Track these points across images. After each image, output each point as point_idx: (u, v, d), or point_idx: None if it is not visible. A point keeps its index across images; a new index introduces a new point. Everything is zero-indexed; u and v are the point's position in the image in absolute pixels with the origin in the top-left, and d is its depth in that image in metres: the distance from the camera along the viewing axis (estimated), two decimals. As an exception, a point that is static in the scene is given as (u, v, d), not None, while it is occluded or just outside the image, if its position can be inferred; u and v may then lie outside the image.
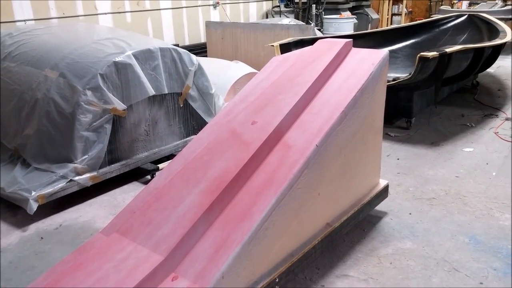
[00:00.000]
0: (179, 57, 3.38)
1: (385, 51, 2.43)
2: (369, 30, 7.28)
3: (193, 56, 3.51)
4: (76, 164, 2.85)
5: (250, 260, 1.74)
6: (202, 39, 7.18)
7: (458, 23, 6.47)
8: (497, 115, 4.60)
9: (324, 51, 2.48)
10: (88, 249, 1.83)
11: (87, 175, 2.92)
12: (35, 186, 2.72)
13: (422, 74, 3.72)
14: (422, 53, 3.52)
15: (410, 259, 2.29)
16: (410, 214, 2.74)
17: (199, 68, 3.56)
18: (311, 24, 6.94)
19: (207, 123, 3.79)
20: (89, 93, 2.85)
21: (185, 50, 3.45)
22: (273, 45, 4.45)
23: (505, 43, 4.72)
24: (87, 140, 2.88)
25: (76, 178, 2.86)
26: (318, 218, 2.18)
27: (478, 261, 2.26)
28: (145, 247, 1.72)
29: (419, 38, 6.22)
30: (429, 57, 3.49)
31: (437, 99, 4.37)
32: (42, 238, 2.57)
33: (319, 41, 2.60)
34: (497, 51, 4.85)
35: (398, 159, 3.58)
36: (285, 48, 4.45)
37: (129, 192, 3.12)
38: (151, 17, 6.46)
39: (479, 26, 6.15)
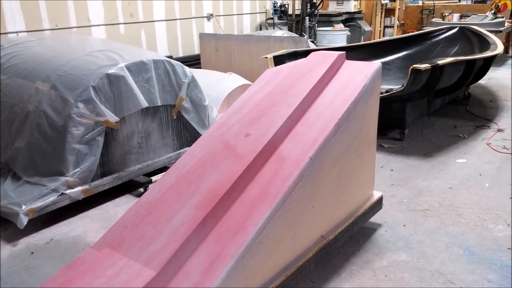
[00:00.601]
0: (172, 69, 3.37)
1: (378, 63, 2.44)
2: (362, 42, 7.34)
3: (187, 68, 3.51)
4: (67, 177, 2.82)
5: (244, 274, 1.72)
6: (196, 51, 7.21)
7: (450, 35, 6.55)
8: (489, 126, 4.64)
9: (317, 63, 2.49)
10: (78, 265, 1.79)
11: (79, 188, 2.88)
12: (25, 200, 2.68)
13: (415, 86, 3.74)
14: (414, 65, 3.55)
15: (405, 271, 2.28)
16: (404, 225, 2.73)
17: (193, 80, 3.55)
18: (304, 36, 7.00)
19: (201, 135, 3.79)
20: (81, 105, 2.83)
21: (178, 62, 3.45)
22: (266, 57, 4.47)
23: (496, 55, 4.78)
24: (79, 152, 2.85)
25: (68, 191, 2.82)
26: (312, 231, 2.16)
27: (472, 273, 2.25)
28: (137, 262, 1.69)
29: (411, 50, 6.29)
30: (421, 69, 3.52)
31: (429, 111, 4.40)
32: (32, 253, 2.52)
33: (312, 53, 2.61)
34: (489, 63, 4.91)
35: (392, 170, 3.58)
36: (279, 60, 4.47)
37: (121, 205, 3.08)
38: (145, 29, 6.47)
39: (470, 38, 6.23)
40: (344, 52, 2.54)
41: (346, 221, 2.37)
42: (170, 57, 4.81)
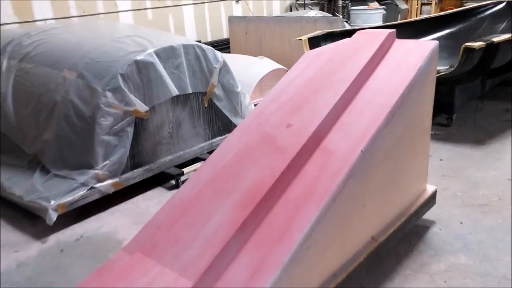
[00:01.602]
0: (203, 54, 3.18)
1: (434, 42, 2.16)
2: (399, 21, 6.91)
3: (218, 53, 3.31)
4: (97, 170, 2.69)
5: (291, 283, 1.53)
6: (225, 35, 6.98)
7: (496, 11, 6.04)
8: (546, 110, 4.23)
9: (364, 43, 2.23)
10: (109, 270, 1.65)
11: (109, 181, 2.75)
12: (54, 195, 2.57)
13: (466, 66, 3.41)
14: (467, 44, 3.22)
15: (466, 276, 2.03)
16: (461, 223, 2.46)
17: (224, 65, 3.35)
18: (338, 16, 6.64)
19: (234, 123, 3.61)
20: (109, 94, 2.68)
21: (209, 47, 3.25)
22: (301, 39, 4.20)
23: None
24: (108, 144, 2.72)
25: (97, 185, 2.69)
26: (363, 232, 1.94)
27: (546, 279, 1.98)
28: (172, 270, 1.52)
29: (454, 28, 5.84)
30: (475, 48, 3.18)
31: (483, 93, 4.03)
32: (62, 250, 2.42)
33: (358, 32, 2.35)
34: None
35: (441, 159, 3.29)
36: (314, 42, 4.20)
37: (153, 199, 2.94)
38: (172, 14, 6.28)
39: (519, 13, 5.73)
40: (395, 30, 2.27)
41: (398, 220, 2.14)
42: (199, 41, 4.61)
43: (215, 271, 1.49)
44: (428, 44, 2.15)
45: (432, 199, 2.43)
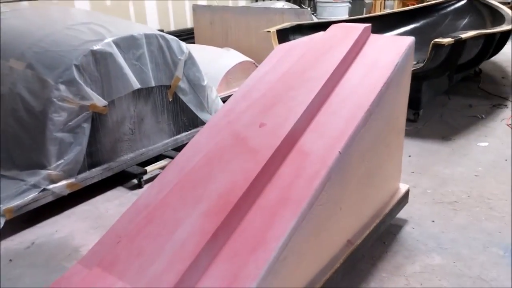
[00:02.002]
0: (167, 45, 2.98)
1: (410, 38, 2.09)
2: (365, 15, 6.92)
3: (183, 44, 3.12)
4: (50, 171, 2.46)
5: (266, 298, 1.41)
6: (189, 25, 6.73)
7: (458, 7, 6.16)
8: (506, 105, 4.34)
9: (339, 38, 2.13)
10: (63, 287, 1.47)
11: (64, 182, 2.53)
12: (1, 198, 2.33)
13: (435, 62, 3.40)
14: (436, 40, 3.20)
15: (442, 278, 2.00)
16: (433, 221, 2.44)
17: (190, 57, 3.17)
18: (304, 8, 6.56)
19: (200, 118, 3.45)
20: (62, 87, 2.45)
21: (173, 37, 3.06)
22: (269, 31, 4.07)
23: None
24: (62, 142, 2.49)
25: (51, 186, 2.47)
26: (339, 236, 1.86)
27: (518, 279, 1.98)
28: (135, 288, 1.37)
29: (418, 23, 5.91)
30: (444, 44, 3.17)
31: (449, 89, 4.07)
32: (11, 260, 2.19)
33: (332, 26, 2.24)
34: (506, 36, 4.56)
35: (409, 156, 3.27)
36: (282, 34, 4.08)
37: (113, 200, 2.74)
38: (133, 1, 5.97)
39: (480, 10, 5.86)
40: (370, 24, 2.18)
41: (373, 221, 2.07)
42: (161, 31, 4.38)
43: (184, 287, 1.35)
44: (404, 39, 2.08)
45: (405, 198, 2.38)
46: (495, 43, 4.32)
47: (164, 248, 1.44)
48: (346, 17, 6.84)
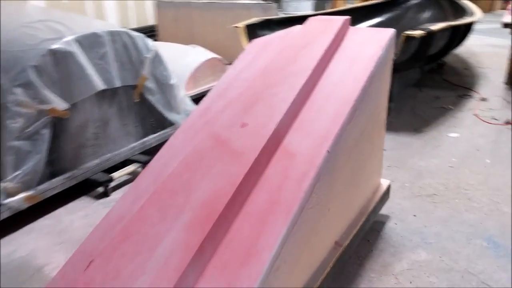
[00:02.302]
0: (132, 42, 2.80)
1: (391, 30, 2.03)
2: (330, 10, 6.92)
3: (149, 41, 2.95)
4: (6, 183, 2.24)
5: (259, 313, 1.30)
6: (151, 21, 6.48)
7: (420, 1, 6.27)
8: (470, 95, 4.43)
9: (318, 32, 2.04)
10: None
11: (22, 195, 2.31)
12: (-48, 216, 2.09)
13: (406, 55, 3.40)
14: (407, 32, 3.20)
15: (430, 274, 1.96)
16: (414, 215, 2.41)
17: (156, 55, 3.00)
18: (270, 3, 6.47)
19: (168, 119, 3.28)
20: (18, 91, 2.23)
21: (139, 34, 2.87)
22: (237, 27, 3.94)
23: (476, 20, 4.53)
24: (19, 151, 2.27)
25: (7, 200, 2.25)
26: (328, 238, 1.78)
27: (505, 269, 1.97)
28: (114, 315, 1.22)
29: (382, 17, 5.97)
30: (415, 36, 3.16)
31: (420, 81, 4.10)
32: (-34, 285, 1.97)
33: (310, 19, 2.15)
34: (468, 28, 4.66)
35: (385, 149, 3.24)
36: (251, 30, 3.96)
37: (77, 212, 2.54)
38: (90, -3, 5.68)
39: (441, 3, 5.99)
40: (349, 17, 2.11)
41: (359, 220, 2.01)
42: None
43: (170, 310, 1.22)
44: (385, 32, 2.02)
45: (387, 193, 2.34)
46: (461, 34, 4.39)
47: (145, 268, 1.30)
48: (310, 11, 6.81)
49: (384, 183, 2.35)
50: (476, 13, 4.63)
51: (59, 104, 2.40)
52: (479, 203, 2.51)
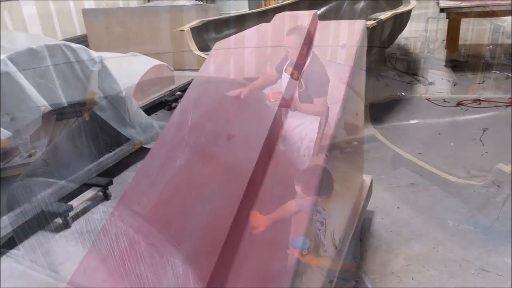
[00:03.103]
0: (74, 55, 2.51)
1: (362, 21, 1.96)
2: (267, 7, 6.84)
3: (93, 52, 2.66)
4: None
5: None
6: (79, 32, 6.01)
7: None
8: (418, 80, 4.56)
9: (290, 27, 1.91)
10: None
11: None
12: None
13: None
14: (361, 23, 3.16)
15: (429, 267, 1.92)
16: (398, 208, 2.38)
17: (103, 67, 2.72)
18: (206, 3, 6.26)
19: (123, 135, 3.00)
20: None
21: (80, 46, 2.59)
22: (183, 30, 3.71)
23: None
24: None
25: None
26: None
27: (498, 253, 1.98)
28: None
29: (320, 10, 5.99)
30: (368, 27, 3.15)
31: (376, 70, 4.13)
32: None
33: (277, 15, 2.02)
34: (407, 17, 4.79)
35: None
36: (197, 32, 3.75)
37: (35, 250, 2.22)
38: (8, 8, 5.13)
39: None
40: (316, 11, 2.00)
41: (353, 221, 1.91)
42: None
43: None
44: (357, 23, 1.95)
45: (371, 189, 2.28)
46: (403, 22, 4.50)
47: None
48: (247, 10, 6.69)
49: (367, 178, 2.29)
50: (412, 2, 4.76)
51: (1, 133, 2.07)
52: (456, 188, 2.53)
